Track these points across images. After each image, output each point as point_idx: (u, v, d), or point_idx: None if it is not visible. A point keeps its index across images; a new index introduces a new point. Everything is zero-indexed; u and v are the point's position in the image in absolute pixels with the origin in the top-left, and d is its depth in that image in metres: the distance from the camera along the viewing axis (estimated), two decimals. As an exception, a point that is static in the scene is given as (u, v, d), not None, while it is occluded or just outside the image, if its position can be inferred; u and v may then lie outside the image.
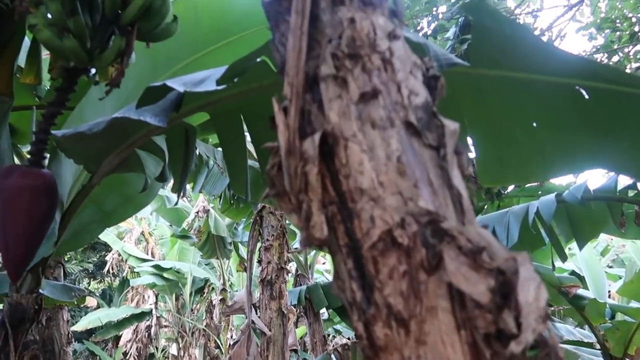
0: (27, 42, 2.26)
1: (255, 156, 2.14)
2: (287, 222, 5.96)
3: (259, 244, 5.88)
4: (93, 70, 1.40)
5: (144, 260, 14.60)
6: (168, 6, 1.28)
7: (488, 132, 1.46)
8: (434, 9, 4.91)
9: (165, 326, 17.10)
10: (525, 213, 3.48)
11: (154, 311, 15.98)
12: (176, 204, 5.46)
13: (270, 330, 5.31)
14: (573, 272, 8.55)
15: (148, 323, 16.13)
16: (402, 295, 0.64)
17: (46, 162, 3.20)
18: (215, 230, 10.52)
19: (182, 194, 2.25)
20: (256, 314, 5.69)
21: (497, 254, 0.61)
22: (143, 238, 16.30)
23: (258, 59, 1.46)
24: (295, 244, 7.34)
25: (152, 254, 16.19)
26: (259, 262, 5.76)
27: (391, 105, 0.73)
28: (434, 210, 0.67)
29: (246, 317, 5.61)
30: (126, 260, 14.89)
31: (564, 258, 3.81)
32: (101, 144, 2.03)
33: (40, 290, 2.29)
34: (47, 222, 1.22)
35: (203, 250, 11.11)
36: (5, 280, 4.31)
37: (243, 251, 10.85)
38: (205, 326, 14.98)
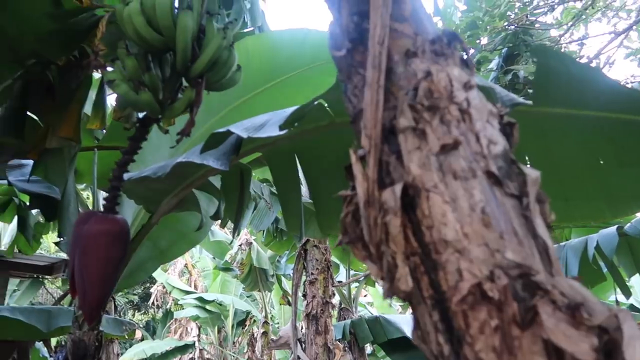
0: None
1: (309, 195, 2.16)
2: (332, 255, 5.94)
3: (303, 278, 5.87)
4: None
5: (188, 293, 14.79)
6: (234, 57, 1.34)
7: (551, 170, 1.43)
8: (477, 40, 4.91)
9: (208, 359, 17.12)
10: (584, 247, 3.34)
11: (196, 344, 16.05)
12: (231, 243, 5.50)
13: (316, 366, 5.23)
14: (632, 307, 8.08)
15: (191, 356, 16.19)
16: (495, 351, 0.63)
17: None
18: (257, 263, 10.58)
19: (236, 232, 2.29)
20: (302, 348, 5.63)
21: (596, 309, 0.60)
22: (186, 270, 16.55)
23: (315, 103, 1.50)
24: (339, 277, 7.28)
25: (195, 286, 16.39)
26: (304, 296, 5.73)
27: (471, 156, 0.73)
28: (522, 262, 0.66)
29: (292, 352, 5.55)
30: (170, 293, 15.13)
31: (628, 294, 3.61)
32: (161, 186, 2.11)
33: (100, 327, 2.36)
34: (121, 265, 1.27)
35: (245, 282, 11.16)
36: (66, 314, 4.45)
37: (286, 284, 10.83)
38: (249, 359, 14.89)
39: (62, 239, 2.48)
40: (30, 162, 3.22)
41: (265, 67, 2.77)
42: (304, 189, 5.97)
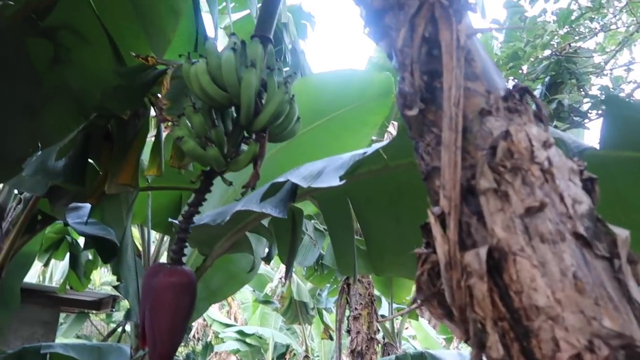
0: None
1: (361, 234, 2.16)
2: (375, 290, 5.85)
3: (346, 312, 5.79)
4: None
5: (228, 326, 14.80)
6: (295, 110, 1.38)
7: (620, 216, 1.38)
8: (519, 70, 4.87)
9: (248, 393, 16.97)
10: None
11: (237, 378, 15.97)
12: (284, 285, 5.49)
13: (362, 405, 5.10)
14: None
15: (231, 389, 16.11)
16: None
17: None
18: (297, 296, 10.53)
19: (289, 274, 2.30)
20: (347, 387, 5.51)
21: None
22: (226, 303, 16.61)
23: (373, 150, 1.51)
24: (382, 310, 7.14)
25: (235, 318, 16.41)
26: (348, 331, 5.64)
27: (557, 217, 0.72)
28: (622, 331, 0.64)
29: (336, 390, 5.44)
30: (210, 325, 15.19)
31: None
32: (216, 230, 2.15)
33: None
34: (190, 316, 1.30)
35: (286, 315, 11.10)
36: (116, 352, 4.53)
37: (327, 318, 10.71)
38: (288, 394, 14.67)
39: (120, 282, 2.55)
40: (86, 204, 3.36)
41: (312, 107, 2.83)
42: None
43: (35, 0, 1.81)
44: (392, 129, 5.36)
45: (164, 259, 3.98)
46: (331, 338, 10.44)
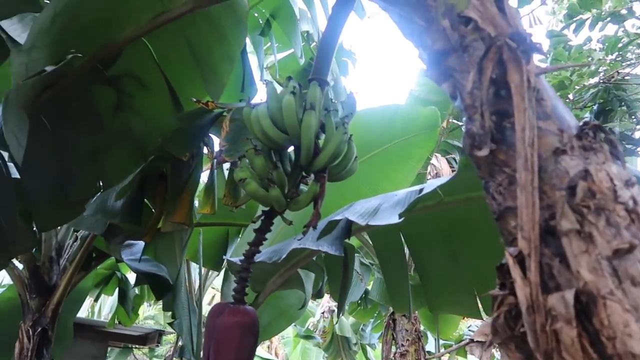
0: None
1: (414, 271, 2.13)
2: (422, 326, 5.70)
3: (393, 349, 5.65)
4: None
5: (268, 361, 14.63)
6: (353, 149, 1.40)
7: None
8: (566, 100, 4.77)
9: None
10: None
11: (279, 415, 15.68)
12: (336, 323, 5.43)
13: None
14: None
15: None
16: None
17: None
18: (340, 331, 10.36)
19: (341, 311, 2.28)
20: None
21: None
22: (267, 338, 16.50)
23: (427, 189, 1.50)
24: (428, 346, 6.92)
25: (275, 354, 16.22)
26: (396, 369, 5.48)
27: (648, 259, 0.70)
28: None
29: None
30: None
31: None
32: (269, 267, 2.17)
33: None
34: (253, 356, 1.30)
35: (328, 351, 10.91)
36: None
37: (371, 354, 10.45)
38: None
39: (174, 320, 2.58)
40: (139, 242, 3.47)
41: (358, 143, 2.84)
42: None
43: (102, 52, 1.93)
44: (435, 161, 5.33)
45: (209, 293, 4.01)
46: (376, 375, 10.16)
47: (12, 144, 1.64)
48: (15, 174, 2.21)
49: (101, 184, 2.19)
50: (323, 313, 10.09)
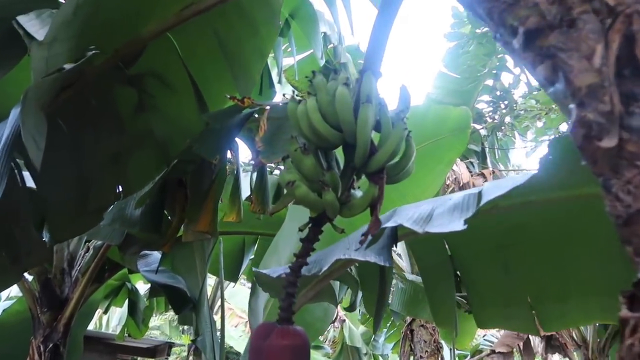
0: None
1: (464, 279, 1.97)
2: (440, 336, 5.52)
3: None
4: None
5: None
6: (412, 148, 1.26)
7: None
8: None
9: None
10: None
11: None
12: (373, 338, 5.24)
13: None
14: None
15: None
16: None
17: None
18: (350, 341, 10.16)
19: (378, 326, 2.12)
20: None
21: None
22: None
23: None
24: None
25: (283, 365, 15.96)
26: (415, 382, 5.31)
27: None
28: None
29: None
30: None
31: None
32: (302, 279, 2.01)
33: None
34: (306, 383, 1.15)
35: (338, 362, 10.70)
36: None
37: (384, 365, 10.25)
38: None
39: (198, 337, 2.43)
40: (154, 253, 3.32)
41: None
42: (404, 263, 5.68)
43: (123, 49, 1.80)
44: (455, 166, 5.18)
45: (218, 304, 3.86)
46: (389, 387, 9.94)
47: (31, 147, 1.50)
48: (30, 182, 2.08)
49: (121, 190, 2.04)
50: (333, 323, 9.88)
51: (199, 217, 2.22)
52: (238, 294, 11.32)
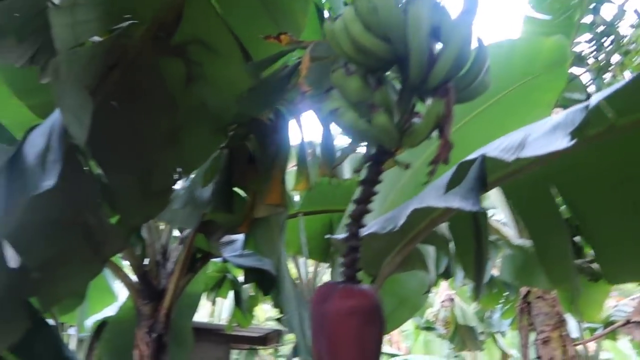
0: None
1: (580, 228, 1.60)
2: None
3: (531, 335, 4.97)
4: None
5: (392, 356, 14.25)
6: (484, 52, 0.98)
7: None
8: None
9: None
10: None
11: (408, 410, 15.25)
12: (477, 299, 4.89)
13: None
14: None
15: (402, 422, 15.41)
16: None
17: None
18: (463, 320, 9.67)
19: (479, 292, 1.83)
20: None
21: None
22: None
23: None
24: (573, 334, 6.07)
25: (397, 347, 15.82)
26: (538, 358, 4.80)
27: None
28: None
29: None
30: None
31: None
32: (382, 244, 1.78)
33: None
34: (380, 351, 0.93)
35: (453, 341, 10.26)
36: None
37: (502, 342, 9.63)
38: None
39: (283, 315, 2.31)
40: (239, 237, 3.27)
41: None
42: (510, 231, 5.17)
43: (161, 14, 1.68)
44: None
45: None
46: (512, 366, 9.33)
47: (71, 123, 1.43)
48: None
49: (182, 168, 1.95)
50: (443, 302, 9.48)
51: (268, 189, 2.07)
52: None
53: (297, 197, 3.70)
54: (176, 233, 3.69)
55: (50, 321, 4.37)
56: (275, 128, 2.15)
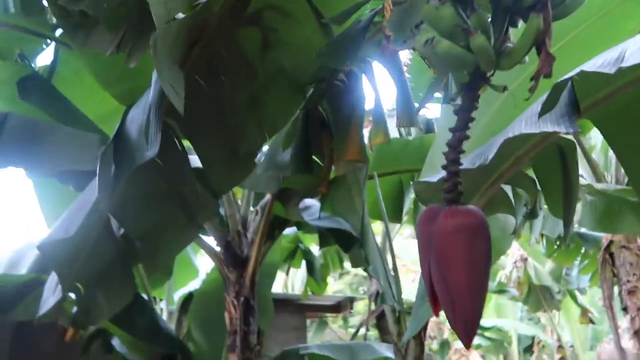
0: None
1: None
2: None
3: (615, 288, 4.82)
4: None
5: (462, 322, 14.17)
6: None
7: None
8: None
9: (499, 390, 15.98)
10: None
11: (482, 374, 15.19)
12: (567, 241, 4.78)
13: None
14: None
15: (476, 386, 15.38)
16: None
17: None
18: (537, 280, 9.43)
19: (568, 233, 1.82)
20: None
21: None
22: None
23: None
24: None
25: (468, 314, 15.66)
26: (624, 309, 4.66)
27: None
28: None
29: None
30: (444, 322, 14.77)
31: None
32: (467, 183, 1.81)
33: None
34: (490, 266, 0.98)
35: (527, 303, 10.06)
36: (365, 349, 4.53)
37: (582, 299, 9.35)
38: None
39: (369, 266, 2.40)
40: (314, 203, 3.38)
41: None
42: (587, 181, 4.98)
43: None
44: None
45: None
46: (592, 322, 9.06)
47: (171, 93, 1.56)
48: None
49: (266, 132, 2.06)
50: (515, 262, 9.28)
51: (346, 145, 2.14)
52: (409, 248, 11.29)
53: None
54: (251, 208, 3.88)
55: (144, 296, 4.74)
56: (348, 89, 2.21)
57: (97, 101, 3.33)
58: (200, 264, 5.75)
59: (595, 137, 5.21)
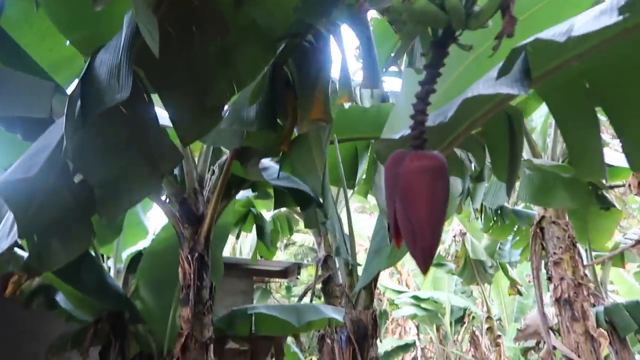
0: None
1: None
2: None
3: (543, 260, 5.24)
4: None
5: (401, 292, 14.83)
6: None
7: None
8: None
9: (430, 358, 16.92)
10: None
11: (417, 342, 16.01)
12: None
13: (579, 357, 4.57)
14: None
15: (413, 355, 16.22)
16: None
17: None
18: (473, 254, 10.02)
19: (510, 192, 2.01)
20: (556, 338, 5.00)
21: None
22: (396, 270, 16.68)
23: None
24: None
25: (406, 285, 16.39)
26: (549, 279, 5.10)
27: None
28: None
29: (543, 342, 4.97)
30: (384, 293, 15.38)
31: None
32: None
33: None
34: (447, 205, 1.11)
35: (462, 276, 10.67)
36: (311, 310, 4.71)
37: (513, 272, 10.02)
38: (473, 357, 14.25)
39: (326, 219, 2.52)
40: (273, 165, 3.46)
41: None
42: (526, 156, 5.32)
43: None
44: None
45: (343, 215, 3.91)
46: (519, 293, 9.76)
47: (147, 36, 1.58)
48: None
49: (235, 87, 2.09)
50: (454, 237, 9.79)
51: (311, 104, 2.22)
52: (359, 221, 11.61)
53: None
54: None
55: (92, 253, 4.67)
56: (316, 50, 2.28)
57: (48, 48, 3.22)
58: (150, 225, 5.70)
59: (536, 120, 5.58)
